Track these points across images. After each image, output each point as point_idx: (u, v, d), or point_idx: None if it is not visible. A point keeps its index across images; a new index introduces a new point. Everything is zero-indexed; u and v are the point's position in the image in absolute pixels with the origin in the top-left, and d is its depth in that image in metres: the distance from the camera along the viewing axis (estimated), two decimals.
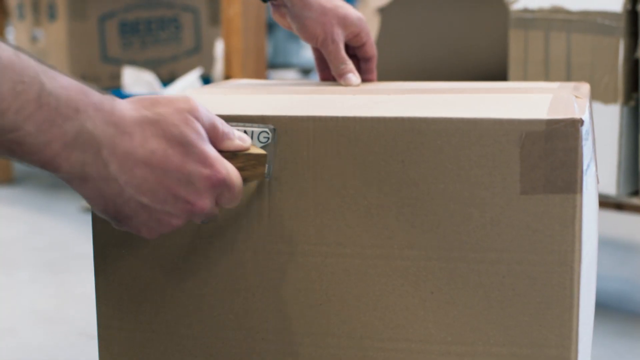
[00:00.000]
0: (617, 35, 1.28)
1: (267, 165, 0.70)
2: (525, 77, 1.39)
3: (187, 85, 2.25)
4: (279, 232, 0.72)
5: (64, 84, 0.58)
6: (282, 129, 0.71)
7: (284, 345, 0.73)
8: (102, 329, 0.78)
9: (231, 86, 0.93)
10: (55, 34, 2.51)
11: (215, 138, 0.65)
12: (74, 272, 1.77)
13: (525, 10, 1.38)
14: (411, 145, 0.69)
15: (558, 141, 0.65)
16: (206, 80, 2.63)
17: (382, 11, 1.62)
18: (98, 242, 0.77)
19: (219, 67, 2.53)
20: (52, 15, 2.51)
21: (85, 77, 2.50)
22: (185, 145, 0.61)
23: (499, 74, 1.55)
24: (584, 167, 0.66)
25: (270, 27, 4.52)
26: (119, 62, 2.57)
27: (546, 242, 0.67)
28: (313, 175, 0.71)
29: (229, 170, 0.64)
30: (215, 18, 2.73)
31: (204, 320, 0.75)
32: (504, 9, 1.45)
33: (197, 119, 0.63)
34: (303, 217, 0.72)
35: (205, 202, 0.63)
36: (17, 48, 0.57)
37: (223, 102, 0.80)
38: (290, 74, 4.10)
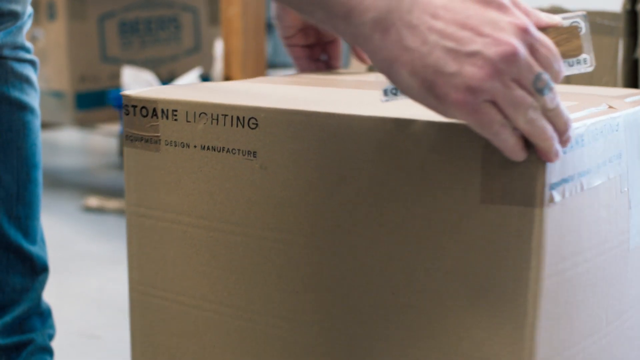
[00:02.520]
0: (616, 35, 1.29)
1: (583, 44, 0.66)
2: None
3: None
4: (265, 220, 0.74)
5: None
6: (269, 121, 0.72)
7: (265, 327, 0.76)
8: (133, 293, 0.84)
9: (234, 82, 0.94)
10: (54, 33, 2.51)
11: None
12: (74, 272, 1.77)
13: None
14: (381, 145, 0.68)
15: None
16: (205, 79, 2.63)
17: None
18: (130, 210, 0.81)
19: (218, 67, 2.53)
20: (51, 15, 2.51)
21: (85, 76, 2.51)
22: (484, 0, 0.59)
23: None
24: (558, 180, 0.64)
25: (270, 27, 4.51)
26: (118, 62, 2.57)
27: (502, 255, 0.64)
28: (296, 168, 0.72)
29: (540, 34, 0.59)
30: (214, 17, 2.73)
31: (206, 294, 0.78)
32: None
33: None
34: (286, 207, 0.73)
35: (511, 40, 0.57)
36: None
37: (216, 89, 0.83)
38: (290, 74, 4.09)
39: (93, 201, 2.34)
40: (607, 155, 0.69)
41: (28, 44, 1.07)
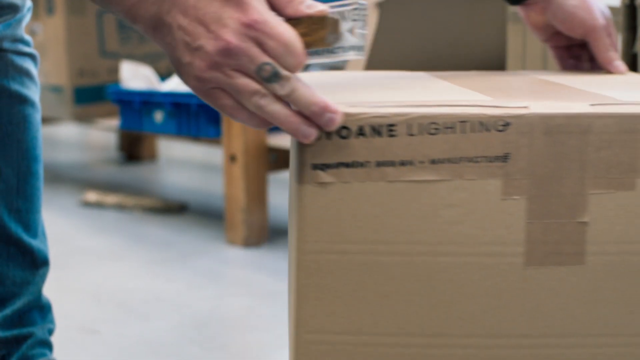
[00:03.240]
0: (615, 30, 1.28)
1: (332, 33, 0.69)
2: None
3: None
4: None
5: None
6: None
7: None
8: None
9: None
10: (53, 28, 2.51)
11: (278, 4, 0.68)
12: (73, 267, 1.77)
13: None
14: None
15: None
16: None
17: (381, 5, 1.62)
18: None
19: None
20: (50, 10, 2.50)
21: (84, 71, 2.50)
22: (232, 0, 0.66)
23: (497, 68, 1.55)
24: (333, 162, 0.68)
25: None
26: (117, 57, 2.57)
27: (295, 225, 0.72)
28: None
29: (279, 25, 0.65)
30: None
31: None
32: (502, 2, 1.45)
33: None
34: None
35: (227, 36, 0.65)
36: None
37: None
38: None
39: (91, 196, 2.34)
40: (461, 152, 0.68)
41: (27, 37, 1.07)
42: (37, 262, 1.08)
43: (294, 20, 0.67)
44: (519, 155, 0.68)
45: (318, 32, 0.68)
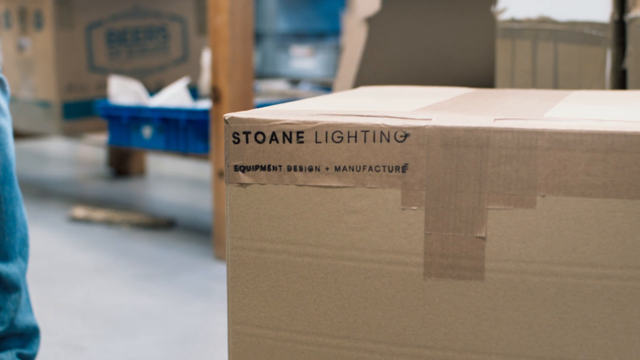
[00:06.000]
0: (604, 46, 1.28)
1: None
2: (512, 87, 1.39)
3: (174, 94, 2.25)
4: None
5: None
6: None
7: None
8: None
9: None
10: (42, 42, 2.50)
11: None
12: (59, 282, 1.76)
13: (513, 20, 1.38)
14: None
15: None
16: (193, 90, 2.62)
17: (369, 20, 1.62)
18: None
19: (206, 77, 2.52)
20: (38, 24, 2.49)
21: (72, 86, 2.50)
22: None
23: (487, 83, 1.55)
24: (250, 164, 0.73)
25: (258, 37, 4.51)
26: (106, 72, 2.56)
27: None
28: None
29: None
30: (202, 27, 2.73)
31: None
32: (491, 18, 1.45)
33: None
34: None
35: None
36: None
37: None
38: (279, 85, 4.09)
39: (80, 211, 2.33)
40: (363, 161, 0.70)
41: None
42: (9, 288, 1.05)
43: None
44: (417, 167, 0.69)
45: None
